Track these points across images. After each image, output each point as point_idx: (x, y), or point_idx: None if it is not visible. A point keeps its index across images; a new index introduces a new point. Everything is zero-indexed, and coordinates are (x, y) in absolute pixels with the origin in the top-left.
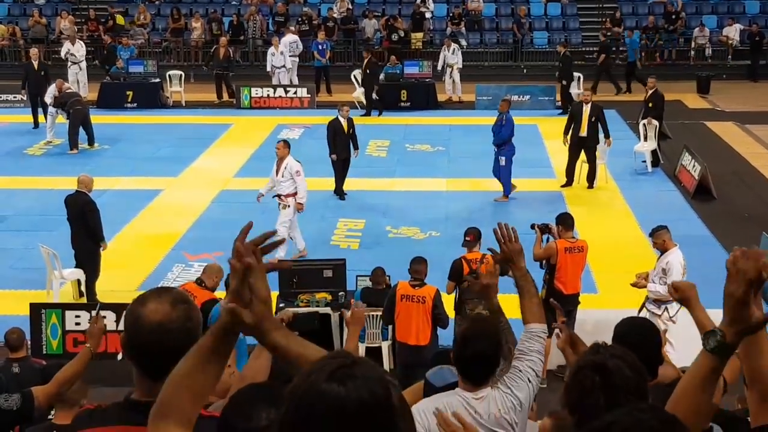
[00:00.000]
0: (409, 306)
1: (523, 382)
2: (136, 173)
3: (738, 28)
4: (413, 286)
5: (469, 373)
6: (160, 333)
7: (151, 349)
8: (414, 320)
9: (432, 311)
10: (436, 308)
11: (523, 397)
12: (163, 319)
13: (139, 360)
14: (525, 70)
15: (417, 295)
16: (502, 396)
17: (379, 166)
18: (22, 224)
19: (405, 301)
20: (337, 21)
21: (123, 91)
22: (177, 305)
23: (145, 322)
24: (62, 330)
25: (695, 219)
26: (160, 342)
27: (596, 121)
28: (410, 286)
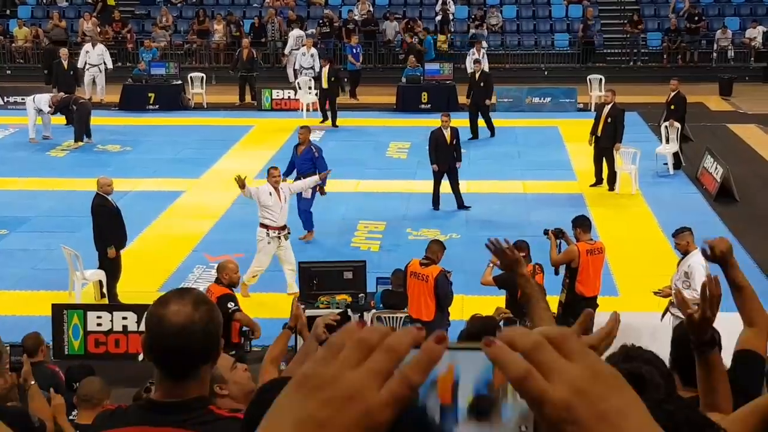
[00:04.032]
0: (415, 283)
1: None
2: (158, 175)
3: (761, 30)
4: (422, 264)
5: None
6: (183, 335)
7: (174, 350)
8: (418, 297)
9: (434, 290)
10: (437, 288)
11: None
12: (186, 320)
13: (161, 361)
14: (546, 72)
15: (422, 274)
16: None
17: (399, 168)
18: (44, 225)
19: (413, 278)
20: (358, 23)
21: (145, 93)
22: (199, 306)
23: (167, 324)
24: (84, 331)
25: (717, 222)
26: (182, 343)
27: (612, 123)
28: (419, 264)
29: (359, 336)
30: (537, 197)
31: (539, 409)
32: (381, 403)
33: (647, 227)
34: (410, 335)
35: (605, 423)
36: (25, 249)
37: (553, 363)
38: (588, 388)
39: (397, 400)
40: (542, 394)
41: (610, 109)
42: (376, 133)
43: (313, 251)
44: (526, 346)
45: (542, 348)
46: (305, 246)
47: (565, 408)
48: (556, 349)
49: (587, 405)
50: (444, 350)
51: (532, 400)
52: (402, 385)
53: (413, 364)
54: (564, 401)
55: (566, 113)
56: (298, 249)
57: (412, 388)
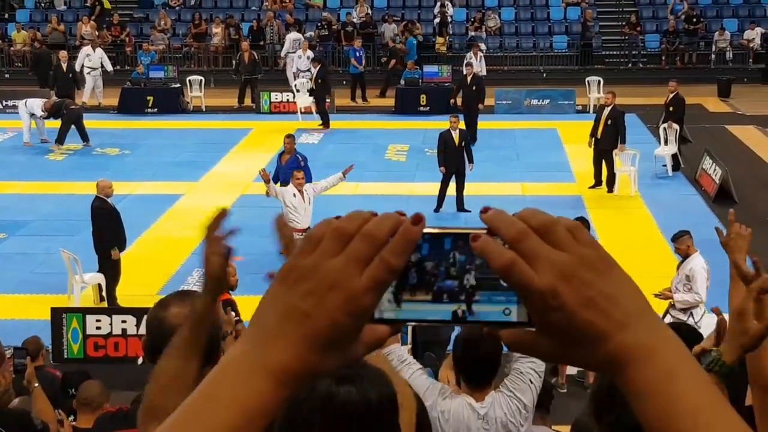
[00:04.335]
0: None
1: (525, 384)
2: (156, 178)
3: (759, 32)
4: None
5: (472, 376)
6: None
7: None
8: None
9: None
10: None
11: (527, 399)
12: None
13: None
14: (544, 74)
15: None
16: (507, 400)
17: (398, 170)
18: (44, 229)
19: None
20: (356, 26)
21: (144, 97)
22: None
23: (167, 326)
24: (83, 334)
25: (716, 223)
26: None
27: (613, 125)
28: None
29: (336, 225)
30: (536, 199)
31: (525, 298)
32: (362, 288)
33: (646, 229)
34: (388, 221)
35: (592, 309)
36: (24, 253)
37: (539, 251)
38: (574, 274)
39: (378, 285)
40: (528, 282)
41: (611, 111)
42: (374, 135)
43: None
44: (511, 235)
45: (528, 237)
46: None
47: (550, 295)
48: (542, 238)
49: (573, 291)
50: (421, 231)
51: (518, 288)
52: (382, 269)
53: (391, 247)
54: (549, 288)
55: (565, 115)
56: None
57: (392, 271)
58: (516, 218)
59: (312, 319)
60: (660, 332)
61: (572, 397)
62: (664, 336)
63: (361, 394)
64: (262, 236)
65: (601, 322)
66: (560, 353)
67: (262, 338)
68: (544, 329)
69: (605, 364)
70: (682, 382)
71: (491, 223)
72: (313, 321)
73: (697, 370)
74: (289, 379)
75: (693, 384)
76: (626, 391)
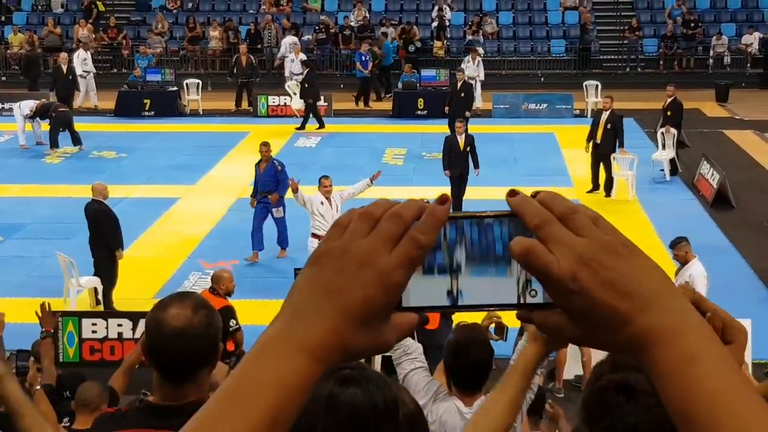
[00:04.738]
0: None
1: None
2: (153, 181)
3: (757, 37)
4: None
5: (464, 381)
6: (182, 338)
7: (172, 353)
8: None
9: None
10: None
11: None
12: (185, 324)
13: (160, 364)
14: (542, 78)
15: None
16: None
17: (395, 174)
18: (40, 232)
19: None
20: (354, 29)
21: (140, 100)
22: (198, 310)
23: (166, 327)
24: (79, 338)
25: (714, 228)
26: (181, 347)
27: (612, 129)
28: None
29: (363, 210)
30: None
31: (546, 282)
32: (393, 265)
33: (644, 234)
34: (414, 203)
35: (613, 291)
36: (21, 256)
37: (560, 236)
38: (593, 258)
39: (408, 261)
40: (547, 266)
41: (609, 115)
42: (372, 139)
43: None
44: (534, 222)
45: (550, 223)
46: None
47: (570, 278)
48: (564, 224)
49: (592, 274)
50: (448, 210)
51: (538, 273)
52: (411, 246)
53: (420, 224)
54: (569, 271)
55: (563, 119)
56: (297, 257)
57: (422, 248)
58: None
59: (345, 294)
60: (684, 314)
61: (569, 402)
62: (688, 318)
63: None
64: None
65: (621, 304)
66: (585, 336)
67: (296, 317)
68: (567, 313)
69: (628, 346)
70: (704, 365)
71: (517, 208)
72: (346, 296)
73: (721, 354)
74: (325, 355)
75: (716, 367)
76: (649, 373)
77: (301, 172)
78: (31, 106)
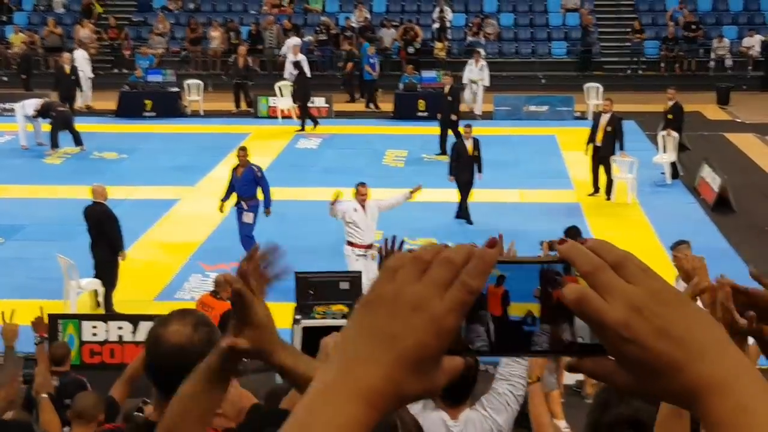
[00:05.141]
0: None
1: (501, 405)
2: (153, 182)
3: (759, 39)
4: None
5: (447, 393)
6: (181, 355)
7: (172, 371)
8: None
9: None
10: None
11: (502, 420)
12: (185, 341)
13: (159, 381)
14: (543, 80)
15: None
16: (482, 419)
17: (396, 176)
18: (40, 233)
19: None
20: (355, 30)
21: (141, 100)
22: (199, 328)
23: (166, 344)
24: (79, 341)
25: (715, 232)
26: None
27: (612, 132)
28: None
29: (414, 254)
30: (534, 207)
31: (599, 329)
32: (445, 310)
33: (645, 237)
34: (464, 247)
35: (667, 340)
36: (21, 257)
37: (613, 284)
38: (646, 306)
39: (459, 306)
40: (601, 313)
41: (610, 118)
42: (373, 141)
43: (309, 260)
44: (586, 268)
45: (602, 270)
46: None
47: (623, 326)
48: (616, 272)
49: (646, 322)
50: (498, 254)
51: (590, 319)
52: (462, 290)
53: (470, 269)
54: (621, 319)
55: (563, 122)
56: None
57: (473, 292)
58: (592, 252)
59: (399, 340)
60: (737, 364)
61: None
62: (741, 368)
63: None
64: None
65: (675, 353)
66: (637, 384)
67: (351, 364)
68: (619, 361)
69: (681, 395)
70: (757, 417)
71: (567, 254)
72: (400, 342)
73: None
74: (381, 402)
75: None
76: (701, 422)
77: (302, 174)
78: (35, 105)
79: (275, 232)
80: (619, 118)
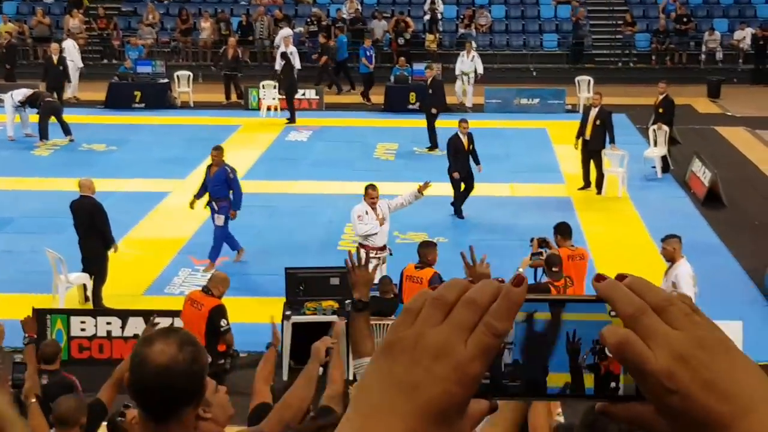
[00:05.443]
0: (411, 286)
1: None
2: (143, 175)
3: (749, 32)
4: (416, 267)
5: None
6: (165, 375)
7: (155, 391)
8: None
9: None
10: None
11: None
12: (170, 361)
13: (143, 401)
14: (534, 73)
15: (417, 276)
16: None
17: (386, 169)
18: (29, 226)
19: (409, 281)
20: (346, 21)
21: (131, 92)
22: (184, 347)
23: (150, 364)
24: (67, 336)
25: (705, 226)
26: (164, 384)
27: (602, 126)
28: (414, 268)
29: (436, 295)
30: (525, 200)
31: (640, 378)
32: (470, 356)
33: (635, 232)
34: (488, 286)
35: (712, 393)
36: (9, 251)
37: (656, 329)
38: (691, 355)
39: (485, 351)
40: (643, 360)
41: (599, 112)
42: (363, 133)
43: (299, 254)
44: (628, 311)
45: (645, 313)
46: (292, 250)
47: (667, 376)
48: (659, 315)
49: (691, 373)
50: (524, 293)
51: (632, 367)
52: (488, 334)
53: (496, 310)
54: (666, 369)
55: (554, 115)
56: (286, 253)
57: (499, 336)
58: (632, 292)
59: (421, 390)
60: None
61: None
62: None
63: None
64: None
65: (721, 407)
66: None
67: (370, 416)
68: (660, 411)
69: None
70: None
71: (606, 295)
72: (422, 392)
73: None
74: None
75: None
76: None
77: (292, 166)
78: (24, 93)
79: (265, 226)
80: (609, 111)
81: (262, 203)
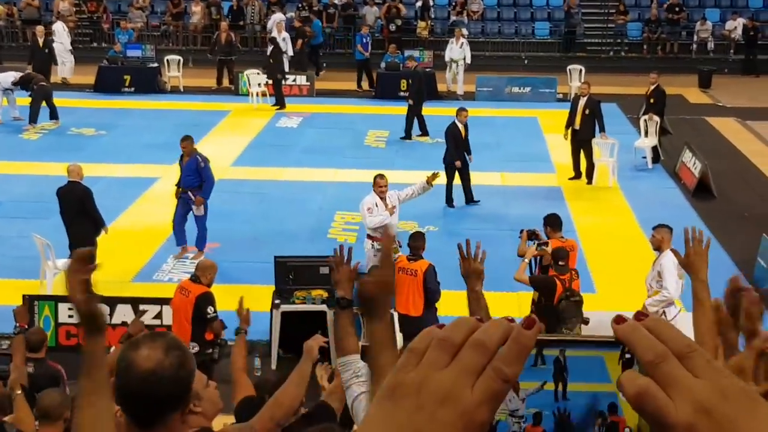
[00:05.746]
0: (403, 278)
1: None
2: (132, 160)
3: (741, 23)
4: (409, 259)
5: None
6: (151, 380)
7: (141, 396)
8: (406, 292)
9: (423, 285)
10: (426, 282)
11: None
12: (156, 366)
13: (128, 407)
14: (526, 61)
15: (410, 269)
16: None
17: (377, 157)
18: (16, 211)
19: (401, 273)
20: (338, 7)
21: (120, 76)
22: (170, 352)
23: (136, 369)
24: (55, 322)
25: (695, 217)
26: (150, 390)
27: (591, 115)
28: (407, 260)
29: (442, 335)
30: (515, 190)
31: (659, 428)
32: (476, 402)
33: (625, 222)
34: (498, 327)
35: None
36: None
37: (678, 377)
38: (714, 407)
39: (492, 397)
40: (664, 411)
41: (587, 101)
42: (354, 120)
43: (289, 242)
44: (649, 357)
45: (667, 360)
46: (282, 238)
47: (688, 429)
48: (680, 362)
49: (714, 427)
50: (536, 336)
51: (651, 417)
52: (496, 379)
53: (505, 353)
54: (687, 422)
55: (546, 103)
56: (276, 241)
57: (508, 381)
58: (653, 337)
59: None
60: None
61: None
62: None
63: None
64: (237, 222)
65: None
66: None
67: None
68: None
69: None
70: None
71: (626, 338)
72: None
73: None
74: None
75: None
76: None
77: (282, 153)
78: (14, 76)
79: (254, 213)
80: (597, 100)
81: (251, 190)
